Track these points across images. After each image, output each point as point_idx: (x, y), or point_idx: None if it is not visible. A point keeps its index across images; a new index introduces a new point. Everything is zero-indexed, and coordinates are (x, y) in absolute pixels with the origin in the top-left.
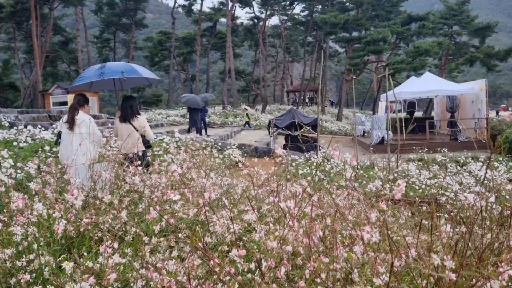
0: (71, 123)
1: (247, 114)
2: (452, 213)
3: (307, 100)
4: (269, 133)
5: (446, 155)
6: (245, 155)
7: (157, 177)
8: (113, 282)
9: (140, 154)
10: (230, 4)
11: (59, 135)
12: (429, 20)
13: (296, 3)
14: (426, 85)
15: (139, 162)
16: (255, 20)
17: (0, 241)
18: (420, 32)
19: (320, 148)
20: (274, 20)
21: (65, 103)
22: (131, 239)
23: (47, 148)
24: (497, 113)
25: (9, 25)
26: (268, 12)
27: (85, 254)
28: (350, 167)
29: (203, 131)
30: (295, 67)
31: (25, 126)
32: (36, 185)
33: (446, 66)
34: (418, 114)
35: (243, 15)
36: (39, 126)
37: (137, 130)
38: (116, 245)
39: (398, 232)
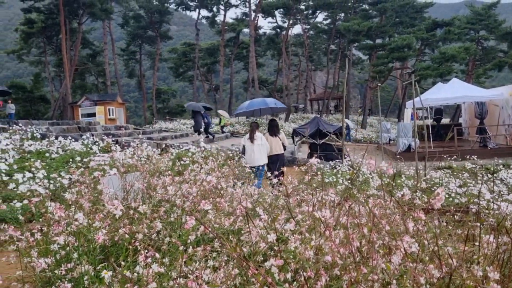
0: (252, 138)
1: (220, 120)
2: (486, 223)
3: (331, 108)
4: (294, 142)
5: (476, 163)
6: None
7: (188, 186)
8: None
9: (282, 152)
10: (253, 14)
11: (243, 147)
12: (455, 25)
13: (318, 11)
14: (453, 91)
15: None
16: (278, 30)
17: (39, 250)
18: (446, 37)
19: (345, 156)
20: (297, 29)
21: (93, 115)
22: (167, 248)
23: (78, 158)
24: None
25: (40, 40)
26: (291, 21)
27: (122, 263)
28: (377, 175)
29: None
30: (318, 76)
31: (56, 138)
32: (72, 195)
33: (474, 71)
34: (445, 120)
35: (265, 25)
36: (69, 138)
37: (280, 140)
38: (157, 254)
39: (439, 243)
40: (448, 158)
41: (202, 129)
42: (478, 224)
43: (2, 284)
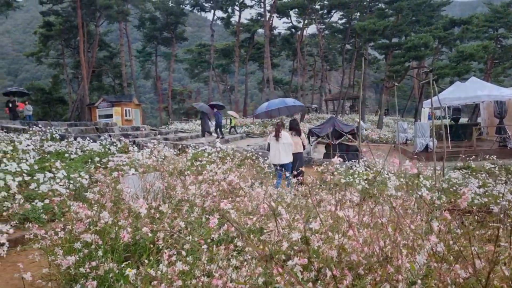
0: (277, 137)
1: (231, 120)
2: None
3: (346, 108)
4: (309, 142)
5: (495, 163)
6: None
7: (207, 186)
8: None
9: (302, 151)
10: (267, 15)
11: (269, 145)
12: (473, 23)
13: (334, 11)
14: (472, 90)
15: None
16: (293, 30)
17: (64, 249)
18: (464, 36)
19: (362, 156)
20: (312, 29)
21: (110, 116)
22: (190, 247)
23: (96, 159)
24: None
25: (58, 42)
26: (306, 21)
27: (146, 261)
28: (395, 176)
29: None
30: (333, 76)
31: (75, 138)
32: (94, 195)
33: (492, 70)
34: (463, 120)
35: (280, 25)
36: (88, 138)
37: (300, 139)
38: (183, 252)
39: (464, 243)
40: (467, 158)
41: (211, 130)
42: (502, 225)
43: (27, 281)
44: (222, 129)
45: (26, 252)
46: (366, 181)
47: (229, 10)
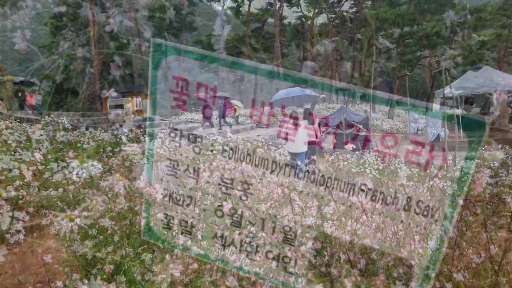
0: (296, 126)
1: (235, 110)
2: None
3: (356, 98)
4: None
5: (508, 153)
6: None
7: (219, 174)
8: (193, 271)
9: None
10: (278, 4)
11: (286, 134)
12: (486, 12)
13: (344, 0)
14: (485, 79)
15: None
16: (303, 19)
17: (80, 235)
18: (477, 24)
19: (372, 146)
20: (322, 18)
21: (121, 106)
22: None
23: (108, 148)
24: None
25: (69, 34)
26: (316, 11)
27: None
28: (406, 165)
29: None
30: (344, 65)
31: (87, 128)
32: (108, 182)
33: (506, 58)
34: (476, 109)
35: (290, 14)
36: (99, 128)
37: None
38: (200, 236)
39: (476, 230)
40: (479, 148)
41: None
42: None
43: (46, 264)
44: (228, 120)
45: (42, 239)
46: (377, 171)
47: None
